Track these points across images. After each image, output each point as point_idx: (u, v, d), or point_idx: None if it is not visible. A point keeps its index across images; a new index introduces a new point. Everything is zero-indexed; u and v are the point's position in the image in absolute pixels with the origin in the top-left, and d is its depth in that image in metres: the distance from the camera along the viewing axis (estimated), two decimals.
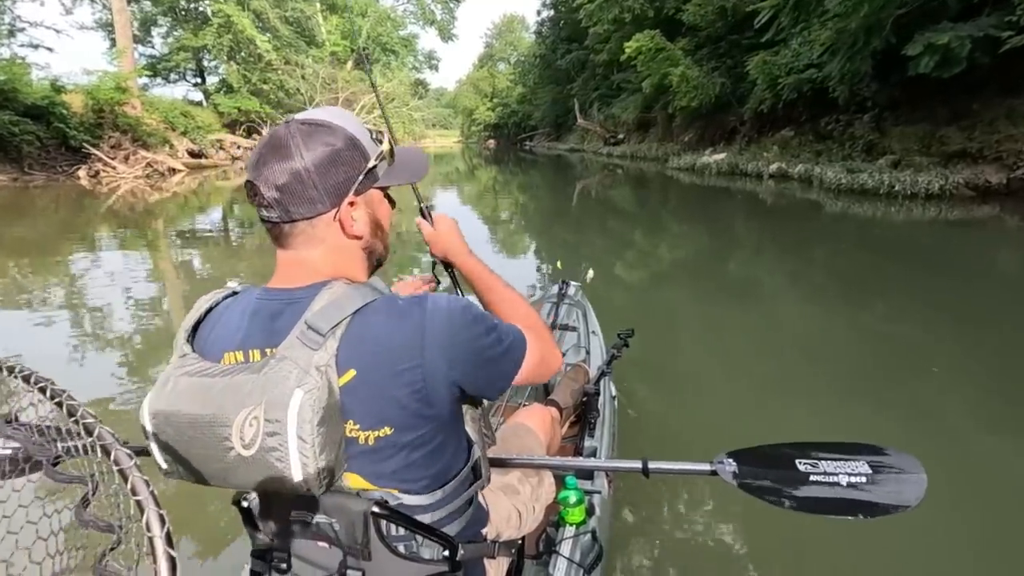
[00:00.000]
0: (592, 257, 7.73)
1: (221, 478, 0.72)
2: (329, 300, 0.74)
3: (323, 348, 0.70)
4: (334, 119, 0.79)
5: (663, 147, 24.09)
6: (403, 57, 40.22)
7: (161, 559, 0.58)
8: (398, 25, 39.71)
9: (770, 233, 9.55)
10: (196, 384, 0.72)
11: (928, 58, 10.00)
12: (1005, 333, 4.14)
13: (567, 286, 3.05)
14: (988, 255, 7.46)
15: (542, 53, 43.98)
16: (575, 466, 1.24)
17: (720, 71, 19.61)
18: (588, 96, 34.27)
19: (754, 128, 18.84)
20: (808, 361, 3.76)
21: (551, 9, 43.01)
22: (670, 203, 14.23)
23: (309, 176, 0.75)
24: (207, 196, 15.39)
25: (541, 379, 0.94)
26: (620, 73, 28.16)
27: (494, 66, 68.46)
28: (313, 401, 0.67)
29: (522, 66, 56.32)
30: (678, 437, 2.74)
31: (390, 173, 0.86)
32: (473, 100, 66.51)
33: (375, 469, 0.77)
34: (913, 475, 0.97)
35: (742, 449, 1.07)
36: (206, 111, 25.98)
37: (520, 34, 68.37)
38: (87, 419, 0.69)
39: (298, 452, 0.66)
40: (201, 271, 7.28)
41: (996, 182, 10.33)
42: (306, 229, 0.79)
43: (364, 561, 0.79)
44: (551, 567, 1.24)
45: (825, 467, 0.99)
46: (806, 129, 16.26)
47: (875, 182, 11.13)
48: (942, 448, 2.62)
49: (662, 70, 20.16)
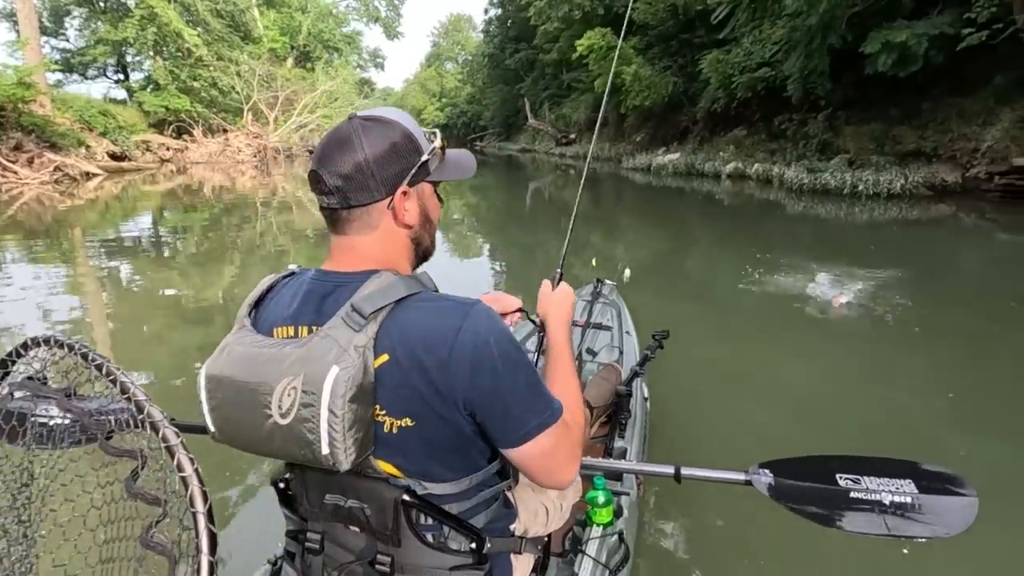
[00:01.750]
0: (548, 261, 7.25)
1: (259, 445, 0.76)
2: (377, 287, 0.76)
3: (364, 331, 0.72)
4: (392, 116, 0.84)
5: (616, 147, 23.90)
6: (347, 55, 38.70)
7: (203, 533, 0.64)
8: (341, 21, 38.19)
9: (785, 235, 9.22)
10: (247, 353, 0.76)
11: (886, 56, 9.90)
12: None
13: (602, 284, 3.05)
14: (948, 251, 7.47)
15: (490, 52, 43.54)
16: (606, 467, 1.20)
17: (672, 70, 19.49)
18: (538, 96, 33.95)
19: (707, 127, 18.78)
20: (846, 372, 3.60)
21: (499, 8, 42.67)
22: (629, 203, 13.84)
23: (368, 167, 0.79)
24: (132, 202, 13.97)
25: (543, 474, 0.84)
26: (570, 72, 27.98)
27: (442, 65, 67.73)
28: (348, 378, 0.69)
29: (470, 65, 55.98)
30: (711, 441, 2.69)
31: (441, 169, 0.89)
32: (421, 100, 65.65)
33: (399, 459, 0.79)
34: (962, 498, 0.90)
35: (779, 460, 1.02)
36: (129, 110, 23.95)
37: (468, 33, 67.83)
38: (139, 397, 0.76)
39: (327, 425, 0.69)
40: (130, 283, 6.46)
41: (952, 181, 10.35)
42: (362, 215, 0.82)
43: (393, 547, 0.81)
44: (576, 566, 1.22)
45: (867, 484, 0.94)
46: (759, 128, 16.23)
47: (838, 182, 11.00)
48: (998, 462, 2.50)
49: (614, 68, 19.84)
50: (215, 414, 0.78)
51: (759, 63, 14.34)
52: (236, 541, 1.75)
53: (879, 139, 11.86)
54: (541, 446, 0.80)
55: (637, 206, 13.49)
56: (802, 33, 11.35)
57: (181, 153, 23.68)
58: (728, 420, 2.96)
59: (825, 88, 12.71)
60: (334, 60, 37.07)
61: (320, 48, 35.49)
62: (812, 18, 10.33)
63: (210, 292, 6.08)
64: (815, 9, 10.14)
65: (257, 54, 28.71)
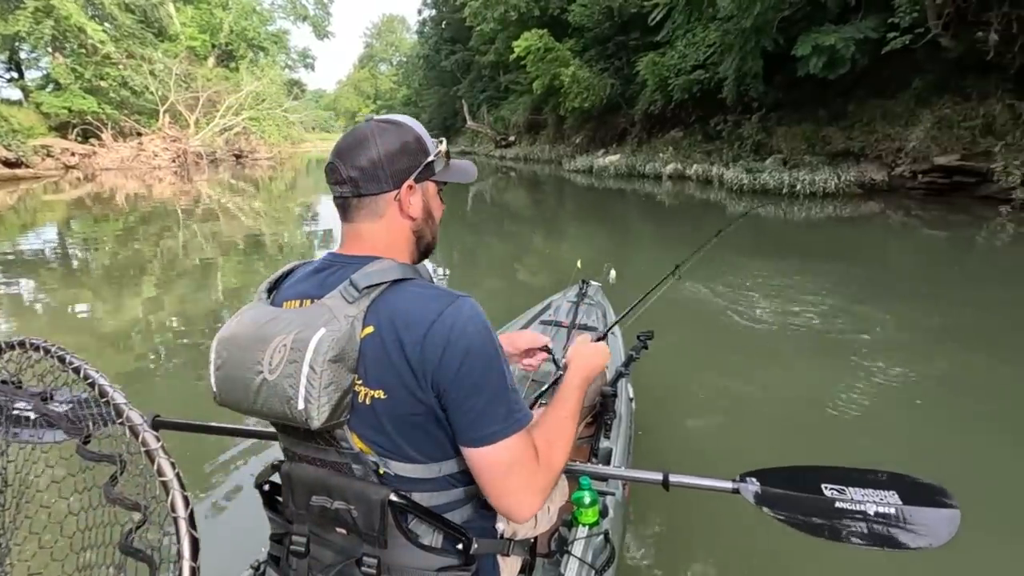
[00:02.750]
0: (489, 263, 6.95)
1: (248, 402, 0.79)
2: (377, 268, 0.82)
3: (357, 303, 0.78)
4: (405, 121, 0.92)
5: (556, 149, 23.89)
6: (273, 54, 36.91)
7: (184, 538, 0.63)
8: (266, 19, 36.38)
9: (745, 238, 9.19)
10: (255, 316, 0.82)
11: (816, 59, 10.16)
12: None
13: (587, 285, 3.04)
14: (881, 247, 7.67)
15: (425, 54, 42.85)
16: (593, 472, 1.20)
17: (609, 72, 19.61)
18: (476, 98, 33.59)
19: (644, 129, 19.00)
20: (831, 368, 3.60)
21: (432, 9, 42.06)
22: (572, 206, 13.68)
23: (381, 161, 0.87)
24: (32, 213, 12.49)
25: (493, 490, 0.83)
26: (508, 74, 27.81)
27: (376, 67, 66.31)
28: (332, 340, 0.74)
29: (405, 67, 55.06)
30: (696, 444, 2.72)
31: (446, 172, 0.96)
32: (355, 102, 64.02)
33: (370, 432, 0.81)
34: (946, 509, 0.91)
35: (767, 469, 1.04)
36: (25, 111, 21.68)
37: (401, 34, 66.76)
38: (117, 401, 0.75)
39: (306, 380, 0.73)
40: (33, 302, 5.71)
41: (879, 180, 10.77)
42: (370, 204, 0.89)
43: (380, 549, 0.82)
44: (563, 567, 1.22)
45: (852, 494, 0.96)
46: (695, 130, 16.56)
47: (776, 182, 11.22)
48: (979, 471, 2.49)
49: (552, 70, 19.83)
50: (218, 374, 0.82)
51: (694, 65, 14.56)
52: (219, 546, 1.70)
53: (810, 139, 12.25)
54: (494, 457, 0.80)
55: (581, 209, 13.36)
56: (735, 36, 11.54)
57: (89, 159, 21.75)
58: (703, 417, 3.01)
59: (758, 90, 13.03)
60: (260, 59, 35.26)
61: (244, 47, 33.69)
62: (747, 21, 10.50)
63: (128, 310, 5.39)
64: (749, 12, 10.29)
65: (174, 52, 26.84)
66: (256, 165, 28.18)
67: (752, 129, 13.89)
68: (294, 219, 12.12)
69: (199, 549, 0.62)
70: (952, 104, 9.96)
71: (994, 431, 2.80)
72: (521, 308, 2.98)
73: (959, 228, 8.52)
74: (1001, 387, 3.29)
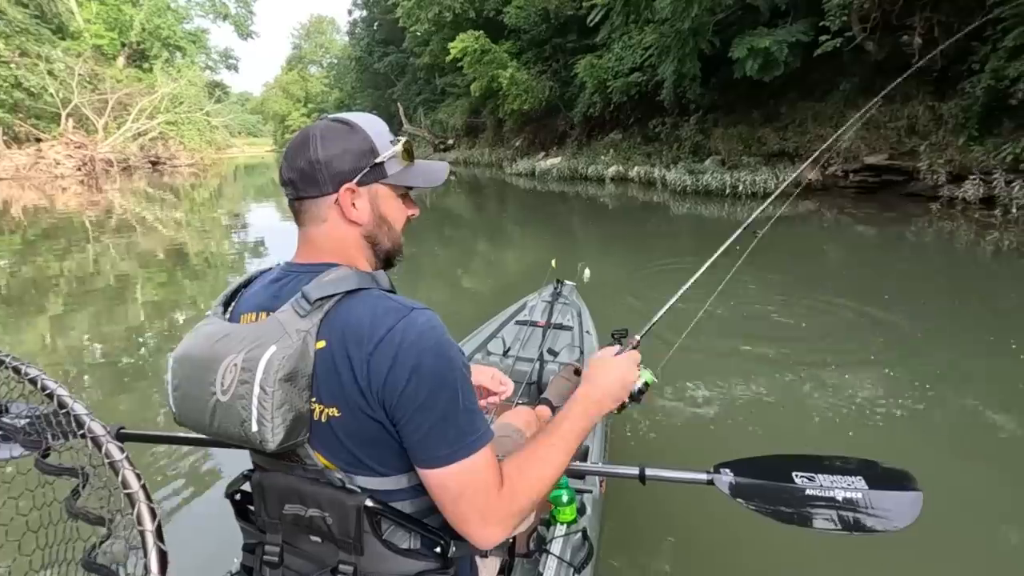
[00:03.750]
0: (433, 273, 6.81)
1: (205, 424, 0.76)
2: (331, 277, 0.78)
3: (309, 316, 0.74)
4: (357, 120, 0.86)
5: (496, 152, 23.60)
6: (191, 54, 34.73)
7: (152, 552, 0.61)
8: (182, 17, 34.27)
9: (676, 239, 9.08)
10: (208, 332, 0.79)
11: (752, 61, 10.30)
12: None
13: (562, 285, 3.07)
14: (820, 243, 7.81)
15: (357, 56, 41.62)
16: (570, 469, 1.09)
17: (547, 75, 19.51)
18: (412, 101, 32.88)
19: (584, 132, 19.01)
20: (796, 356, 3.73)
21: (363, 9, 40.95)
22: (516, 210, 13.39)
23: (319, 162, 0.82)
24: None
25: (452, 514, 0.78)
26: (444, 77, 27.34)
27: (305, 69, 64.02)
28: (283, 357, 0.70)
29: (336, 69, 53.43)
30: (670, 438, 2.73)
31: (404, 175, 0.89)
32: (284, 105, 61.56)
33: (331, 449, 0.78)
34: (909, 492, 0.94)
35: (739, 460, 1.04)
36: None
37: (331, 36, 64.87)
38: (78, 411, 0.72)
39: (258, 401, 0.69)
40: None
41: (814, 179, 11.06)
42: (311, 208, 0.85)
43: (356, 555, 0.80)
44: (541, 566, 1.22)
45: (821, 481, 0.97)
46: (634, 132, 16.68)
47: (718, 183, 11.32)
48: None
49: (490, 72, 19.50)
50: (176, 394, 0.80)
51: (631, 68, 14.62)
52: (188, 559, 1.47)
53: (746, 141, 12.50)
54: (442, 480, 0.76)
55: (526, 213, 13.08)
56: (673, 38, 11.60)
57: None
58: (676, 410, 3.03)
59: (696, 92, 13.19)
60: (176, 60, 33.05)
61: (158, 46, 31.47)
62: (684, 23, 10.53)
63: (27, 338, 4.67)
64: (687, 14, 10.32)
65: (76, 51, 24.64)
66: (176, 172, 26.50)
67: (690, 131, 14.07)
68: (221, 229, 11.33)
69: (167, 563, 0.61)
70: (877, 106, 10.35)
71: (950, 411, 2.97)
72: (469, 321, 2.88)
73: (890, 224, 8.82)
74: (959, 370, 3.47)
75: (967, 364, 3.57)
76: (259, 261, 7.76)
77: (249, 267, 7.51)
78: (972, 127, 8.50)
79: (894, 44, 9.33)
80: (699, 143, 13.80)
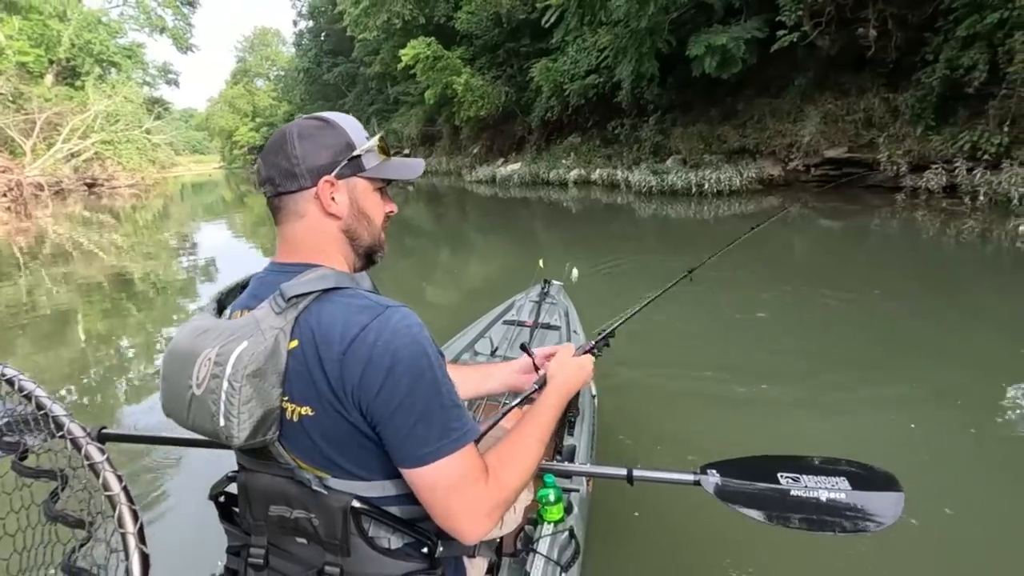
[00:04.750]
0: (386, 277, 6.44)
1: (184, 417, 0.76)
2: (309, 277, 0.78)
3: (283, 314, 0.74)
4: (334, 117, 0.87)
5: (454, 160, 23.21)
6: (127, 69, 32.99)
7: (133, 555, 0.61)
8: (115, 31, 32.50)
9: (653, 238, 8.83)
10: (193, 327, 0.79)
11: (710, 59, 10.22)
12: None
13: (549, 285, 3.07)
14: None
15: (305, 67, 40.52)
16: (557, 469, 1.19)
17: (502, 80, 19.24)
18: (364, 111, 32.15)
19: (542, 136, 18.81)
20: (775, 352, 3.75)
21: (309, 20, 39.98)
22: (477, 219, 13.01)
23: (297, 157, 0.82)
24: None
25: (439, 513, 0.77)
26: (396, 86, 26.80)
27: (251, 82, 62.20)
28: (252, 353, 0.70)
29: (284, 81, 52.02)
30: (657, 438, 2.71)
31: (382, 169, 0.90)
32: (231, 120, 59.60)
33: (303, 449, 0.78)
34: (891, 493, 0.96)
35: (726, 460, 1.06)
36: None
37: (277, 48, 63.24)
38: (56, 413, 0.73)
39: (226, 396, 0.70)
40: None
41: (776, 175, 11.08)
42: (289, 203, 0.84)
43: (343, 557, 0.79)
44: (528, 565, 1.22)
45: (806, 482, 0.99)
46: (593, 134, 16.56)
47: (684, 183, 11.19)
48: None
49: (443, 79, 19.10)
50: (163, 385, 0.80)
51: (587, 70, 14.47)
52: (171, 561, 1.41)
53: (706, 139, 12.46)
54: (429, 479, 0.76)
55: (487, 220, 12.72)
56: (629, 39, 11.46)
57: None
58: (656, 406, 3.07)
59: (654, 93, 13.11)
60: (111, 76, 31.36)
61: (90, 62, 29.76)
62: (642, 22, 10.38)
63: None
64: (644, 13, 10.17)
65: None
66: (116, 194, 25.09)
67: (650, 131, 14.00)
68: (168, 251, 10.70)
69: (150, 565, 0.61)
70: (833, 100, 10.43)
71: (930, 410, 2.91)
72: (447, 330, 2.78)
73: (853, 217, 8.83)
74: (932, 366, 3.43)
75: (953, 358, 3.50)
76: (210, 283, 7.39)
77: (201, 289, 7.12)
78: (928, 117, 8.59)
79: (848, 38, 9.39)
80: (659, 143, 13.73)
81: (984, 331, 3.85)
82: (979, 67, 7.42)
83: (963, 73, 7.71)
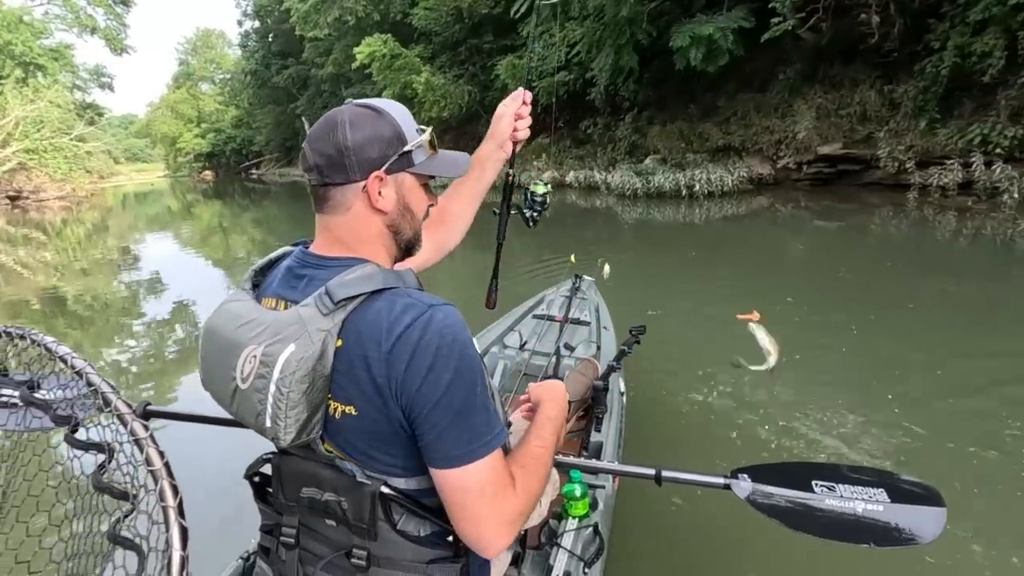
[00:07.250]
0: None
1: (226, 403, 0.78)
2: (356, 276, 0.76)
3: (331, 316, 0.72)
4: (384, 106, 0.83)
5: None
6: (54, 72, 30.39)
7: (173, 528, 0.63)
8: (39, 32, 29.92)
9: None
10: (234, 310, 0.80)
11: (695, 51, 9.48)
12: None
13: (580, 280, 3.09)
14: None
15: (252, 70, 38.49)
16: (586, 466, 1.15)
17: (464, 78, 18.24)
18: (317, 115, 29.99)
19: None
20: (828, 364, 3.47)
21: (255, 20, 38.01)
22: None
23: (348, 149, 0.79)
24: None
25: (459, 515, 0.76)
26: (351, 88, 25.45)
27: (195, 86, 59.07)
28: (300, 359, 0.69)
29: (230, 85, 49.54)
30: (686, 438, 2.71)
31: (429, 164, 0.87)
32: (174, 126, 56.47)
33: (344, 444, 0.78)
34: (932, 508, 0.91)
35: (759, 465, 1.02)
36: None
37: (222, 50, 60.29)
38: (104, 390, 0.77)
39: (272, 399, 0.70)
40: None
41: (766, 174, 10.45)
42: (336, 195, 0.82)
43: (370, 541, 0.80)
44: (552, 559, 1.22)
45: (841, 491, 0.95)
46: (563, 135, 15.76)
47: (672, 184, 10.40)
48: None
49: (402, 79, 17.96)
50: (204, 363, 0.81)
51: (557, 67, 13.64)
52: (208, 536, 1.48)
53: (687, 137, 11.78)
54: (458, 481, 0.75)
55: None
56: (605, 31, 10.65)
57: None
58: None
59: (629, 90, 12.36)
60: (35, 79, 28.81)
61: (11, 64, 27.22)
62: (623, 10, 9.54)
63: None
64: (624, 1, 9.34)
65: None
66: (44, 207, 22.90)
67: (626, 130, 13.25)
68: (106, 267, 9.56)
69: (188, 539, 0.61)
70: (824, 93, 9.86)
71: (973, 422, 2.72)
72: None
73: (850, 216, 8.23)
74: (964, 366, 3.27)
75: (978, 362, 3.29)
76: (155, 297, 7.01)
77: (144, 304, 6.58)
78: (932, 110, 8.03)
79: (840, 28, 8.79)
80: (636, 143, 13.00)
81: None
82: (995, 54, 6.85)
83: (976, 61, 7.14)
